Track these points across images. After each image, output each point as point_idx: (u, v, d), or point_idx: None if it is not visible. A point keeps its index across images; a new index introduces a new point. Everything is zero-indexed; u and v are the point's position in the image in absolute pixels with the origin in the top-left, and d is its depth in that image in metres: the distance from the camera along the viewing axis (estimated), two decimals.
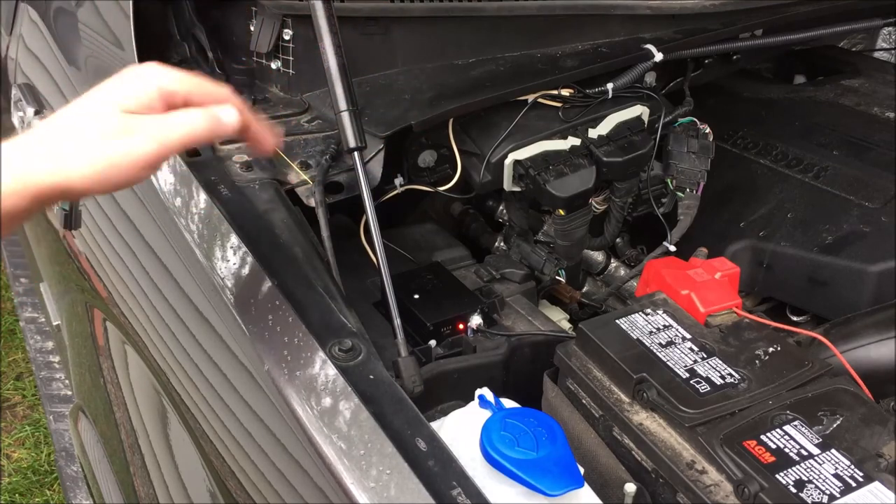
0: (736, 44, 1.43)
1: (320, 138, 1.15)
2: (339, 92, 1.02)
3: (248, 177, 1.05)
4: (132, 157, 0.68)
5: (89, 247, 1.30)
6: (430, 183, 1.20)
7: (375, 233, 0.95)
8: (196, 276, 0.97)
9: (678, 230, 1.27)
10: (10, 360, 2.58)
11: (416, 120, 1.10)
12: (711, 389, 0.84)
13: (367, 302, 1.10)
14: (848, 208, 1.28)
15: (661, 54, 1.27)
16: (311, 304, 0.87)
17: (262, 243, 0.94)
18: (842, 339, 1.00)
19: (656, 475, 0.82)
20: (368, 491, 0.70)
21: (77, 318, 1.48)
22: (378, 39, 1.21)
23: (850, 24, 1.51)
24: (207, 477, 0.95)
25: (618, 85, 1.24)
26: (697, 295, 0.97)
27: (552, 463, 0.76)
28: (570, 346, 0.94)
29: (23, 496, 2.17)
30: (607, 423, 0.88)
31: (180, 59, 1.27)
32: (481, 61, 1.26)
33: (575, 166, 1.16)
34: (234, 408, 0.90)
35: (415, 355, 0.93)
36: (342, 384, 0.78)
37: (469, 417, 0.84)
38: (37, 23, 1.57)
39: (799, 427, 0.80)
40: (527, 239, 1.32)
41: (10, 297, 2.51)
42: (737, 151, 1.45)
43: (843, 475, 0.75)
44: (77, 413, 1.48)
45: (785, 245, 1.28)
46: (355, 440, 0.73)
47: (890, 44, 2.22)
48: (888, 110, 1.53)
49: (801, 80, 1.81)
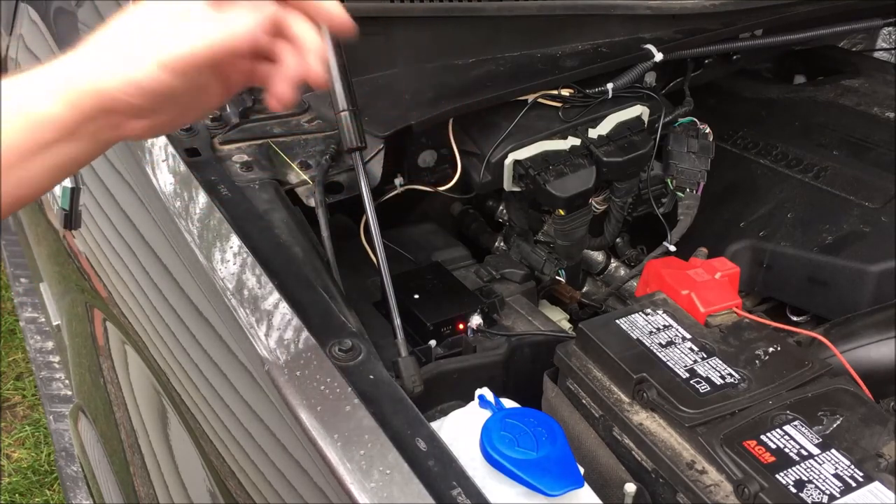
0: (736, 44, 1.43)
1: (320, 138, 1.15)
2: (339, 92, 1.02)
3: (248, 177, 1.05)
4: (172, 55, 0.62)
5: (89, 247, 1.29)
6: (430, 183, 1.21)
7: (375, 233, 0.95)
8: (196, 276, 0.97)
9: (678, 230, 1.27)
10: (10, 360, 2.58)
11: (416, 120, 1.11)
12: (711, 389, 0.84)
13: (367, 302, 1.10)
14: (848, 208, 1.28)
15: (661, 54, 1.27)
16: (311, 304, 0.87)
17: (262, 243, 0.94)
18: (842, 339, 1.00)
19: (656, 475, 0.82)
20: (368, 491, 0.70)
21: (77, 318, 1.48)
22: (378, 39, 1.21)
23: (850, 24, 1.51)
24: (207, 477, 0.95)
25: (618, 85, 1.24)
26: (697, 295, 0.97)
27: (552, 463, 0.76)
28: (570, 346, 0.94)
29: (23, 496, 2.17)
30: (607, 423, 0.88)
31: None
32: (481, 61, 1.26)
33: (575, 166, 1.16)
34: (234, 408, 0.90)
35: (415, 355, 0.93)
36: (342, 384, 0.78)
37: (469, 417, 0.84)
38: (37, 23, 1.57)
39: (799, 427, 0.80)
40: (527, 239, 1.32)
41: (10, 297, 2.51)
42: (737, 151, 1.45)
43: (843, 475, 0.75)
44: (77, 413, 1.48)
45: (785, 245, 1.28)
46: (355, 440, 0.73)
47: (890, 44, 2.22)
48: (888, 110, 1.53)
49: (801, 80, 1.81)
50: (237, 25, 0.63)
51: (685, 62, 1.41)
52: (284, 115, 1.19)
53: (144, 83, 0.62)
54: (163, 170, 1.05)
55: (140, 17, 0.64)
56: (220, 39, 0.63)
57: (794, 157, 1.40)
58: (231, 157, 1.08)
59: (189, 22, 0.63)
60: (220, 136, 1.12)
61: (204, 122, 1.12)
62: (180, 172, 1.04)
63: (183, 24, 0.63)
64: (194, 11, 0.63)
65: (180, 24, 0.63)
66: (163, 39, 0.62)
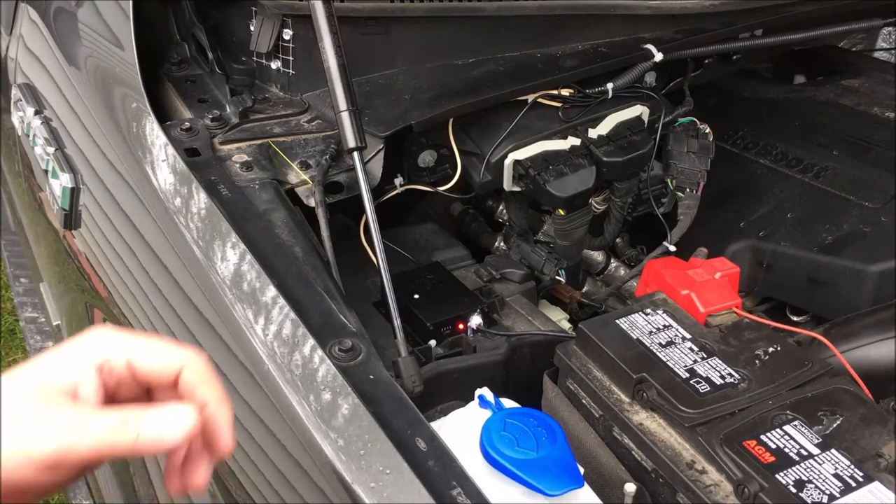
0: (736, 44, 1.43)
1: (320, 138, 1.15)
2: (339, 92, 1.02)
3: (248, 177, 1.05)
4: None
5: (89, 247, 1.29)
6: (430, 183, 1.20)
7: (375, 233, 0.95)
8: (196, 275, 0.97)
9: (678, 230, 1.27)
10: (10, 360, 2.58)
11: (416, 120, 1.11)
12: (711, 389, 0.84)
13: (367, 302, 1.10)
14: (848, 208, 1.28)
15: (661, 54, 1.27)
16: (311, 304, 0.87)
17: (262, 243, 0.94)
18: (842, 339, 1.00)
19: (656, 475, 0.82)
20: (368, 491, 0.70)
21: (77, 318, 1.48)
22: (378, 39, 1.21)
23: (850, 24, 1.51)
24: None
25: (618, 85, 1.24)
26: (697, 295, 0.97)
27: (552, 463, 0.76)
28: (570, 346, 0.94)
29: None
30: (607, 423, 0.88)
31: (180, 59, 1.27)
32: (481, 61, 1.26)
33: (575, 166, 1.16)
34: (233, 408, 0.90)
35: (415, 355, 0.93)
36: (342, 384, 0.78)
37: (469, 417, 0.84)
38: (37, 23, 1.57)
39: (799, 427, 0.80)
40: (527, 239, 1.32)
41: (10, 297, 2.51)
42: (737, 151, 1.45)
43: (843, 475, 0.75)
44: None
45: (785, 245, 1.28)
46: (355, 440, 0.73)
47: (890, 44, 2.22)
48: (888, 110, 1.53)
49: (801, 80, 1.81)
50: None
51: (685, 62, 1.41)
52: (284, 114, 1.19)
53: (3, 478, 0.52)
54: (163, 170, 1.05)
55: (15, 395, 0.54)
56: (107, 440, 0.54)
57: (794, 157, 1.40)
58: (231, 157, 1.08)
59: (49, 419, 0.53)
60: (220, 136, 1.11)
61: (204, 121, 1.12)
62: (180, 172, 1.04)
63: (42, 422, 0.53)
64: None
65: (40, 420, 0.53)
66: (33, 431, 0.53)
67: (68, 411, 0.54)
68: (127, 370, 0.58)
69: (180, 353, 0.59)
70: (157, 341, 0.59)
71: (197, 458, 0.59)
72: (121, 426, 0.54)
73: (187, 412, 0.55)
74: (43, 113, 1.36)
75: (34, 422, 0.53)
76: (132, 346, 0.58)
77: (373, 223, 0.96)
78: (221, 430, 0.59)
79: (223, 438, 0.59)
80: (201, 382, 0.59)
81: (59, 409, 0.54)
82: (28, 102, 1.39)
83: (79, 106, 1.28)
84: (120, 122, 1.14)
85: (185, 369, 0.59)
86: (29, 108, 1.37)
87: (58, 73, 1.40)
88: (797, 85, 1.77)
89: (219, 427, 0.59)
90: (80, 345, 0.57)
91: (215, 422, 0.58)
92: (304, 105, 1.21)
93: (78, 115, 1.28)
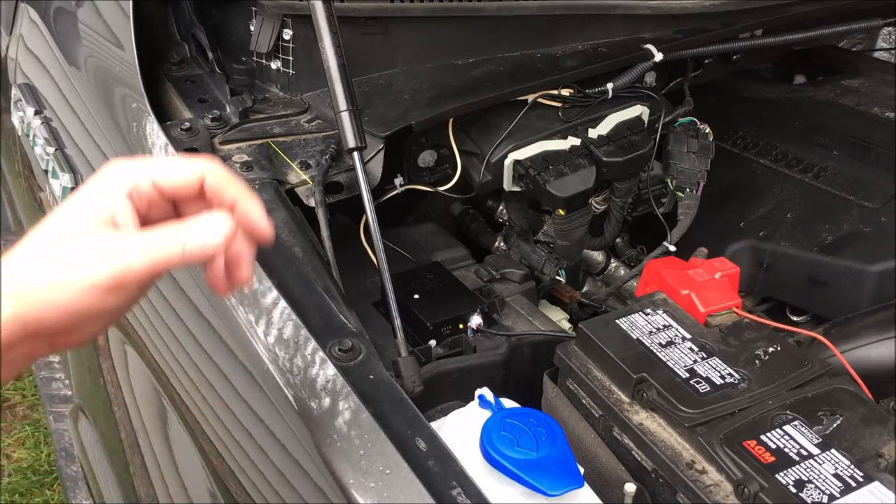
0: (736, 44, 1.43)
1: (320, 138, 1.15)
2: (339, 92, 1.02)
3: (248, 177, 1.05)
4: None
5: None
6: (430, 183, 1.20)
7: (375, 233, 0.95)
8: (195, 275, 0.97)
9: (678, 230, 1.27)
10: None
11: (416, 120, 1.11)
12: (711, 389, 0.84)
13: (367, 302, 1.10)
14: (848, 208, 1.28)
15: (661, 54, 1.27)
16: (311, 304, 0.87)
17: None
18: (842, 339, 1.00)
19: (656, 475, 0.82)
20: (368, 491, 0.70)
21: None
22: (378, 39, 1.21)
23: (850, 24, 1.51)
24: (207, 477, 0.95)
25: (618, 85, 1.24)
26: (697, 295, 0.97)
27: (552, 463, 0.76)
28: (570, 346, 0.94)
29: (23, 496, 2.17)
30: (607, 423, 0.88)
31: (180, 59, 1.27)
32: (481, 61, 1.26)
33: (575, 166, 1.16)
34: (234, 408, 0.90)
35: (415, 355, 0.93)
36: (342, 384, 0.78)
37: (469, 417, 0.84)
38: (37, 23, 1.57)
39: (799, 427, 0.80)
40: (527, 239, 1.32)
41: None
42: (737, 151, 1.45)
43: (843, 475, 0.75)
44: (77, 413, 1.48)
45: (785, 245, 1.28)
46: (355, 440, 0.73)
47: (890, 44, 2.22)
48: (888, 110, 1.53)
49: (801, 80, 1.81)
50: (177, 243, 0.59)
51: (685, 62, 1.41)
52: (284, 114, 1.19)
53: (74, 307, 0.57)
54: None
55: (61, 233, 0.58)
56: (158, 256, 0.58)
57: (794, 157, 1.40)
58: (231, 157, 1.08)
59: (109, 242, 0.58)
60: (220, 136, 1.11)
61: (204, 121, 1.12)
62: None
63: (103, 245, 0.58)
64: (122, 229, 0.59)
65: (100, 244, 0.58)
66: (89, 259, 0.57)
67: (115, 237, 0.58)
68: (154, 190, 0.61)
69: (198, 163, 0.63)
70: (173, 158, 0.62)
71: (237, 259, 0.63)
72: (166, 240, 0.58)
73: (222, 216, 0.60)
74: (43, 113, 1.36)
75: (88, 252, 0.57)
76: (152, 167, 0.62)
77: (373, 223, 0.96)
78: (257, 220, 0.63)
79: (261, 226, 0.64)
80: (226, 184, 0.63)
81: (106, 236, 0.58)
82: (28, 102, 1.39)
83: (79, 106, 1.28)
84: (120, 122, 1.14)
85: (208, 175, 0.62)
86: (29, 108, 1.37)
87: (58, 73, 1.40)
88: (797, 85, 1.77)
89: (253, 218, 0.63)
90: (105, 178, 0.61)
91: (249, 214, 0.63)
92: (304, 105, 1.21)
93: (78, 115, 1.28)
